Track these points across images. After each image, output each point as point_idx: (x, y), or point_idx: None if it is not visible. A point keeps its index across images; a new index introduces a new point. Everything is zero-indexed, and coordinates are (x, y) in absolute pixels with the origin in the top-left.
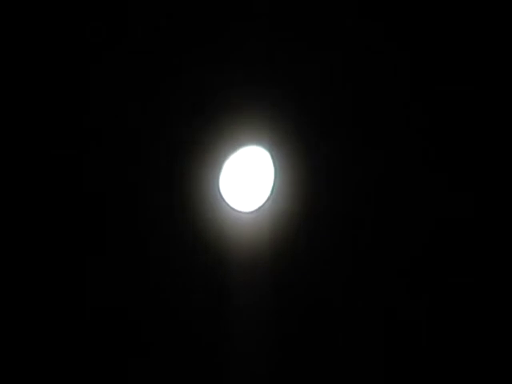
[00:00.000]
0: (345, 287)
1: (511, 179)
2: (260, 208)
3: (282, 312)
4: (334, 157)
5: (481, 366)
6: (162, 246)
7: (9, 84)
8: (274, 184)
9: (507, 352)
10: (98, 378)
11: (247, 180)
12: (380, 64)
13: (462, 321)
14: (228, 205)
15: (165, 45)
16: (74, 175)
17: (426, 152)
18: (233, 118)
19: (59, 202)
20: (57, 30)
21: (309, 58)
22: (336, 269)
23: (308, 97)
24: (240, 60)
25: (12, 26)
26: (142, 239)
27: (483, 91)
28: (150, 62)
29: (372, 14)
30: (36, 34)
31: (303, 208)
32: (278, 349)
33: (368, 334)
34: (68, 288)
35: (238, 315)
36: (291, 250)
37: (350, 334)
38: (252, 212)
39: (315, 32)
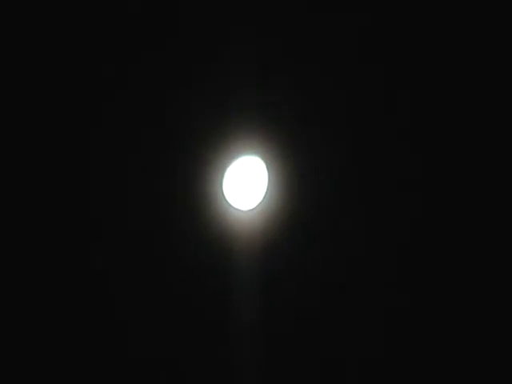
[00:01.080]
0: (336, 280)
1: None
2: (256, 207)
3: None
4: (319, 166)
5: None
6: (165, 240)
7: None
8: (267, 187)
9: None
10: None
11: (246, 183)
12: (372, 76)
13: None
14: (229, 204)
15: (168, 63)
16: (77, 177)
17: (417, 158)
18: (234, 134)
19: (61, 201)
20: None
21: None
22: (322, 263)
23: (297, 116)
24: (238, 87)
25: None
26: (147, 235)
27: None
28: (156, 77)
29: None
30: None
31: (291, 207)
32: (274, 342)
33: (365, 330)
34: (72, 288)
35: (237, 306)
36: (282, 241)
37: (347, 329)
38: (249, 210)
39: (309, 46)
